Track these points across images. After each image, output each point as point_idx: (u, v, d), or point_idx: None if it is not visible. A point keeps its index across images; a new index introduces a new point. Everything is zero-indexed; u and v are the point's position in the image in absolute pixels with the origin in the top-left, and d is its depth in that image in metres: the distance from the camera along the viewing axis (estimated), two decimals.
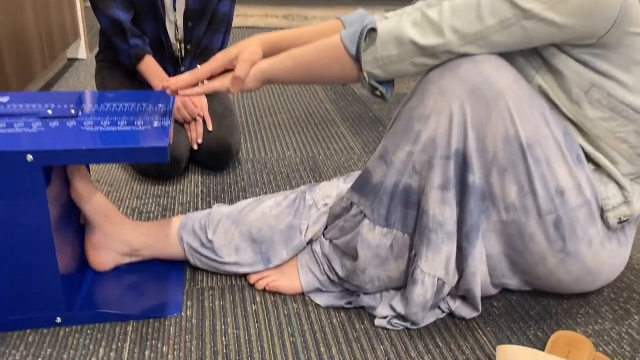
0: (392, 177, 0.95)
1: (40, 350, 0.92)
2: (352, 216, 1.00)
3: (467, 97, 0.87)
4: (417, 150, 0.92)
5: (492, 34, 0.86)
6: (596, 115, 0.92)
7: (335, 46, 0.91)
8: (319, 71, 0.93)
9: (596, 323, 1.04)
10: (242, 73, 0.94)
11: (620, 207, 0.93)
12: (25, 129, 0.91)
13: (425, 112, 0.90)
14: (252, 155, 1.72)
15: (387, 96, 0.94)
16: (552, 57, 0.91)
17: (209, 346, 0.95)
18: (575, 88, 0.91)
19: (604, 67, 0.89)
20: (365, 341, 0.97)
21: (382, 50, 0.89)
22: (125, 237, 1.09)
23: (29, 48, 1.92)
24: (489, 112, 0.87)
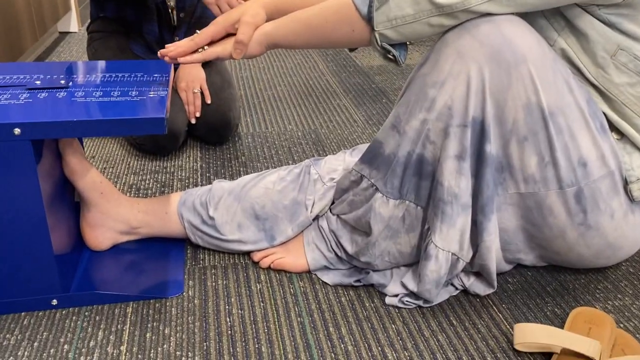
0: (404, 147, 0.89)
1: (35, 334, 0.88)
2: (362, 189, 0.95)
3: (486, 60, 0.81)
4: (431, 118, 0.86)
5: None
6: (622, 80, 0.86)
7: (345, 6, 0.85)
8: (327, 33, 0.87)
9: (615, 298, 1.00)
10: (244, 36, 0.88)
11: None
12: (12, 101, 0.85)
13: (440, 77, 0.84)
14: (252, 129, 1.66)
15: (399, 59, 0.88)
16: (576, 18, 0.85)
17: (212, 327, 0.90)
18: (601, 51, 0.85)
19: (631, 27, 0.84)
20: (375, 320, 0.93)
21: (396, 10, 0.83)
22: (122, 215, 1.04)
23: (18, 21, 1.84)
24: (509, 77, 0.81)
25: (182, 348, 0.86)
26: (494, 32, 0.81)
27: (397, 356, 0.86)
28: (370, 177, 0.94)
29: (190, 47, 0.89)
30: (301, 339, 0.89)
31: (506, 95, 0.82)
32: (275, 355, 0.86)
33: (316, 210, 1.03)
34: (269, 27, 0.90)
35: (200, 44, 0.90)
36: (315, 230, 1.04)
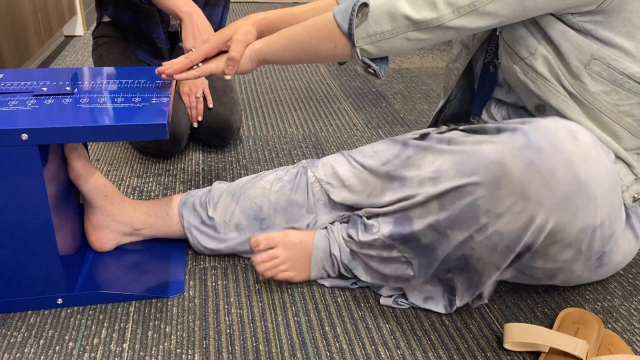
0: (444, 249, 0.88)
1: (41, 332, 0.91)
2: (394, 256, 0.95)
3: (555, 208, 0.78)
4: (479, 238, 0.84)
5: (487, 5, 0.82)
6: (597, 89, 0.87)
7: (328, 23, 0.88)
8: (312, 49, 0.91)
9: (605, 300, 1.03)
10: (236, 53, 0.92)
11: (632, 185, 0.90)
12: (20, 107, 0.89)
13: (497, 209, 0.80)
14: (253, 132, 1.69)
15: (379, 74, 0.91)
16: (550, 28, 0.86)
17: (212, 326, 0.93)
18: (575, 61, 0.86)
19: (606, 35, 0.85)
20: (370, 320, 0.96)
21: (374, 26, 0.86)
22: (125, 217, 1.07)
23: (24, 25, 1.88)
24: (575, 216, 0.79)
25: (182, 346, 0.89)
26: (568, 177, 0.77)
27: (390, 355, 0.89)
28: (403, 252, 0.93)
29: (186, 64, 0.94)
30: (297, 338, 0.92)
31: (566, 227, 0.81)
32: (272, 353, 0.88)
33: (320, 224, 1.06)
34: (259, 44, 0.94)
35: (195, 62, 0.95)
36: (326, 254, 1.03)
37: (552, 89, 0.88)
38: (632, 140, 0.90)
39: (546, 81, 0.88)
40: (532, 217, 0.79)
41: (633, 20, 0.84)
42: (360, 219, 1.00)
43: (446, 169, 0.86)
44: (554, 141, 0.76)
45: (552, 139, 0.76)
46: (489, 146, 0.81)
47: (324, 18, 0.89)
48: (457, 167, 0.84)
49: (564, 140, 0.77)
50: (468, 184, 0.82)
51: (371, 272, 0.99)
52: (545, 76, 0.88)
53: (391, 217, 0.94)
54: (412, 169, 0.95)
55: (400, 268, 0.94)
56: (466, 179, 0.82)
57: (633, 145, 0.91)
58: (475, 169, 0.81)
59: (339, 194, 1.05)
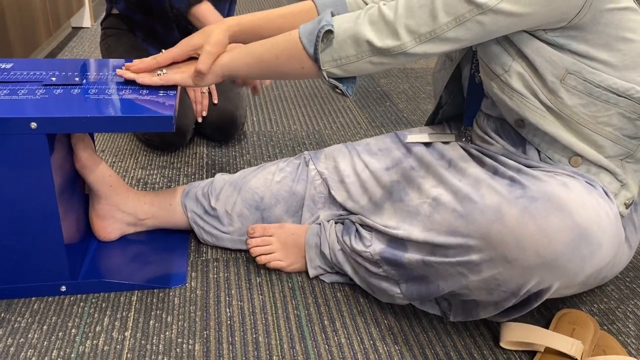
0: (437, 283, 0.88)
1: (45, 318, 0.93)
2: (382, 275, 0.95)
3: (557, 280, 0.79)
4: (474, 279, 0.83)
5: (447, 31, 0.82)
6: (574, 102, 0.85)
7: (294, 44, 0.89)
8: (279, 68, 0.91)
9: (601, 302, 1.04)
10: (204, 66, 0.93)
11: (620, 192, 0.89)
12: (29, 96, 0.90)
13: (491, 254, 0.79)
14: (257, 128, 1.70)
15: (347, 93, 0.91)
16: (523, 45, 0.85)
17: (213, 317, 0.95)
18: (550, 76, 0.85)
19: (581, 48, 0.83)
20: (369, 315, 0.97)
21: (339, 51, 0.86)
22: (130, 207, 1.08)
23: (33, 16, 1.89)
24: (582, 269, 0.77)
25: (183, 335, 0.91)
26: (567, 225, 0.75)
27: (387, 350, 0.90)
28: (393, 276, 0.94)
29: (152, 65, 0.96)
30: (297, 331, 0.93)
31: (572, 281, 0.80)
32: (272, 345, 0.90)
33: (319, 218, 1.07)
34: (225, 59, 0.94)
35: (162, 64, 0.96)
36: (317, 251, 1.04)
37: (529, 105, 0.87)
38: (614, 148, 0.88)
39: (522, 97, 0.87)
40: (527, 280, 0.78)
41: (609, 32, 0.83)
42: (354, 226, 1.01)
43: (441, 220, 0.85)
44: (546, 191, 0.77)
45: (545, 190, 0.77)
46: (485, 211, 0.80)
47: (290, 39, 0.89)
48: (452, 223, 0.83)
49: (555, 189, 0.77)
50: (463, 244, 0.82)
51: (358, 277, 1.00)
52: (521, 92, 0.87)
53: (385, 237, 0.95)
54: (412, 188, 0.96)
55: (387, 285, 0.95)
56: (461, 239, 0.82)
57: (615, 152, 0.88)
58: (470, 233, 0.80)
59: (339, 194, 1.06)
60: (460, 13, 0.80)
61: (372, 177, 1.04)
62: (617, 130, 0.87)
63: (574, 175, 0.84)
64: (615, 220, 0.79)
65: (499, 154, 0.93)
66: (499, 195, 0.80)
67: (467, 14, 0.80)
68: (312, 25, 0.87)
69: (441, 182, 0.91)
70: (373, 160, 1.07)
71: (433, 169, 0.95)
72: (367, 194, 1.03)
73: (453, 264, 0.83)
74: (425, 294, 0.90)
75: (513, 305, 0.86)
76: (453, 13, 0.81)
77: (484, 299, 0.86)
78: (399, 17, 0.83)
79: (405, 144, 1.06)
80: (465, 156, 0.95)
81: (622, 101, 0.84)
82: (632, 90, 0.84)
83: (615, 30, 0.82)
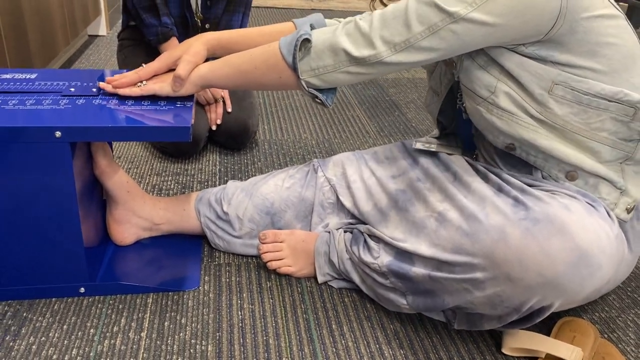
0: (442, 297, 0.91)
1: (65, 318, 0.97)
2: (389, 286, 0.98)
3: (558, 299, 0.82)
4: (479, 295, 0.86)
5: (421, 40, 0.84)
6: (565, 112, 0.87)
7: (273, 55, 0.92)
8: (257, 78, 0.94)
9: (603, 310, 1.06)
10: (183, 72, 0.96)
11: (620, 199, 0.91)
12: (53, 106, 0.94)
13: (495, 273, 0.82)
14: (269, 136, 1.74)
15: (327, 103, 0.94)
16: (506, 61, 0.87)
17: (225, 319, 0.98)
18: (537, 89, 0.86)
19: (564, 58, 0.84)
20: (375, 320, 1.01)
21: (317, 60, 0.90)
22: (146, 212, 1.12)
23: (52, 25, 1.95)
24: (582, 288, 0.80)
25: (196, 337, 0.94)
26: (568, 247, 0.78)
27: (393, 354, 0.94)
28: (400, 288, 0.96)
29: (134, 79, 0.99)
30: (305, 334, 0.96)
31: (574, 298, 0.83)
32: (281, 347, 0.93)
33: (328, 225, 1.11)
34: (204, 70, 0.97)
35: (143, 77, 0.99)
36: (325, 259, 1.08)
37: (520, 122, 0.88)
38: (611, 152, 0.89)
39: (512, 115, 0.88)
40: (531, 299, 0.81)
41: (589, 39, 0.83)
42: (362, 237, 1.04)
43: (447, 237, 0.87)
44: (549, 213, 0.79)
45: (547, 212, 0.79)
46: (489, 231, 0.82)
47: (269, 49, 0.92)
48: (458, 241, 0.86)
49: (557, 211, 0.79)
50: (468, 262, 0.84)
51: (366, 286, 1.03)
52: (511, 110, 0.88)
53: (392, 249, 0.97)
54: (418, 200, 0.98)
55: (394, 296, 0.97)
56: (466, 257, 0.84)
57: (614, 156, 0.89)
58: (475, 252, 0.83)
59: (347, 199, 1.10)
60: (433, 22, 0.83)
61: (378, 184, 1.07)
62: (612, 134, 0.88)
63: (576, 196, 0.86)
64: (615, 241, 0.82)
65: (503, 172, 0.95)
66: (503, 216, 0.82)
67: (440, 22, 0.83)
68: (292, 36, 0.91)
69: (447, 196, 0.94)
70: (380, 168, 1.10)
71: (439, 182, 0.97)
72: (372, 200, 1.06)
73: (458, 280, 0.86)
74: (431, 306, 0.93)
75: (516, 319, 0.89)
76: (426, 22, 0.83)
77: (488, 313, 0.89)
78: (374, 28, 0.86)
79: (411, 154, 1.10)
80: (470, 170, 0.97)
81: (613, 105, 0.86)
82: (620, 94, 0.85)
83: (595, 36, 0.84)
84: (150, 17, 1.48)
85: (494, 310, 0.87)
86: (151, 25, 1.48)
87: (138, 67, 1.02)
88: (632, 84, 0.87)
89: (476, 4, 0.81)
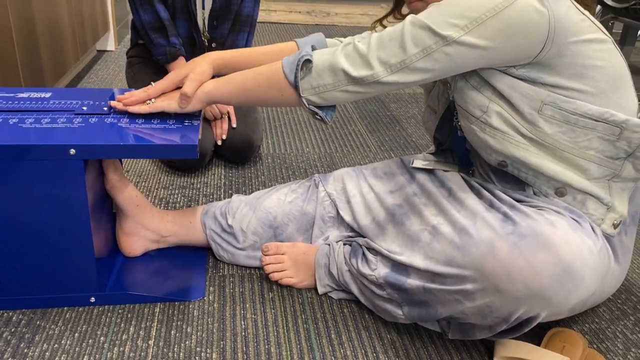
0: (436, 307, 0.94)
1: (76, 326, 1.01)
2: (386, 297, 1.02)
3: (544, 310, 0.86)
4: (469, 306, 0.90)
5: (416, 62, 0.89)
6: (554, 131, 0.91)
7: (275, 73, 0.97)
8: (260, 96, 0.99)
9: (592, 322, 1.10)
10: (189, 90, 1.01)
11: (607, 215, 0.95)
12: (68, 124, 1.00)
13: (485, 284, 0.86)
14: (272, 150, 1.79)
15: (326, 119, 1.00)
16: (498, 82, 0.91)
17: (229, 328, 1.03)
18: (527, 109, 0.91)
19: (552, 79, 0.89)
20: (373, 330, 1.05)
21: (317, 79, 0.95)
22: (154, 225, 1.17)
23: (63, 41, 2.01)
24: (567, 299, 0.85)
25: (202, 345, 0.99)
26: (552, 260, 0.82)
27: None
28: (396, 300, 1.00)
29: (142, 97, 1.04)
30: (306, 343, 1.01)
31: (559, 310, 0.87)
32: (282, 355, 0.98)
33: (328, 238, 1.15)
34: (209, 87, 1.02)
35: (152, 96, 1.04)
36: (325, 271, 1.12)
37: (512, 140, 0.93)
38: (599, 169, 0.93)
39: (504, 134, 0.93)
40: (518, 310, 0.85)
41: (577, 62, 0.88)
42: (361, 249, 1.08)
43: (440, 249, 0.92)
44: (535, 228, 0.84)
45: (533, 227, 0.84)
46: (479, 244, 0.86)
47: (272, 69, 0.98)
48: (450, 253, 0.90)
49: (543, 227, 0.84)
50: (459, 274, 0.88)
51: (364, 297, 1.07)
52: (502, 129, 0.93)
53: (389, 261, 1.01)
54: (413, 214, 1.03)
55: (391, 306, 1.01)
56: (457, 270, 0.88)
57: (601, 173, 0.93)
58: (466, 264, 0.87)
59: (346, 213, 1.14)
60: (427, 45, 0.88)
61: (376, 199, 1.12)
62: (599, 152, 0.92)
63: (562, 212, 0.91)
64: (598, 255, 0.86)
65: (496, 188, 1.00)
66: (492, 230, 0.87)
67: (434, 45, 0.88)
68: (294, 56, 0.96)
69: (441, 211, 0.98)
70: (378, 183, 1.15)
71: (434, 198, 1.02)
72: (370, 214, 1.11)
73: (450, 292, 0.90)
74: (425, 316, 0.97)
75: (506, 329, 0.93)
76: (421, 45, 0.88)
77: (479, 323, 0.93)
78: (371, 49, 0.92)
79: (409, 169, 1.14)
80: (465, 186, 1.02)
81: (599, 125, 0.90)
82: (607, 114, 0.90)
83: (583, 60, 0.88)
84: (159, 37, 1.53)
85: (484, 320, 0.91)
86: (160, 45, 1.54)
87: (146, 84, 1.07)
88: (619, 104, 0.92)
89: (468, 27, 0.86)
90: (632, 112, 0.94)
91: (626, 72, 0.94)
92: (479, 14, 0.86)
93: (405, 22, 0.91)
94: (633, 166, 0.93)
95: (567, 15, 0.88)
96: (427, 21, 0.88)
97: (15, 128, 0.96)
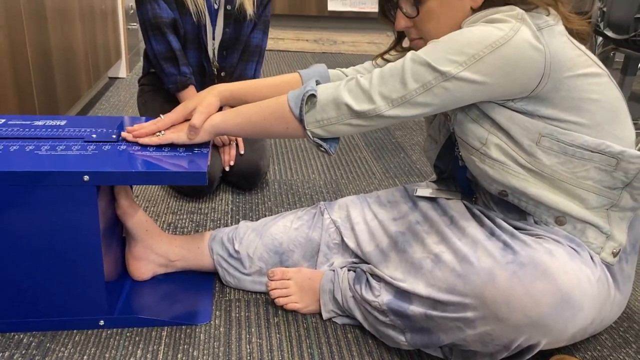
0: (438, 334, 0.95)
1: (85, 349, 1.03)
2: (389, 324, 1.03)
3: (544, 338, 0.87)
4: (470, 333, 0.91)
5: (416, 97, 0.92)
6: (552, 162, 0.93)
7: (281, 106, 1.01)
8: (265, 128, 1.03)
9: (595, 349, 1.11)
10: (197, 122, 1.05)
11: (606, 244, 0.96)
12: (82, 152, 1.03)
13: (485, 312, 0.87)
14: (279, 176, 1.82)
15: (330, 151, 1.03)
16: (497, 115, 0.94)
17: (234, 352, 1.04)
18: (526, 140, 0.93)
19: (549, 112, 0.92)
20: (376, 355, 1.06)
21: (322, 113, 0.98)
22: (163, 250, 1.20)
23: (77, 69, 2.07)
24: (565, 328, 0.86)
25: None
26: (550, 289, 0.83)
27: None
28: (399, 326, 1.01)
29: (152, 130, 1.07)
30: None
31: (558, 338, 0.88)
32: None
33: (334, 265, 1.18)
34: (217, 120, 1.06)
35: (161, 128, 1.08)
36: (330, 296, 1.13)
37: (511, 171, 0.95)
38: (597, 199, 0.95)
39: (503, 165, 0.95)
40: (518, 329, 0.86)
41: (574, 96, 0.91)
42: (365, 276, 1.10)
43: (442, 277, 0.93)
44: (534, 257, 0.86)
45: (532, 256, 0.86)
46: (480, 273, 0.88)
47: (278, 102, 1.01)
48: (451, 281, 0.92)
49: (542, 256, 0.86)
50: (460, 302, 0.90)
51: (368, 323, 1.09)
52: (501, 160, 0.95)
53: (392, 288, 1.03)
54: (416, 241, 1.05)
55: (394, 333, 1.03)
56: (459, 297, 0.90)
57: (600, 203, 0.95)
58: (467, 292, 0.89)
59: (351, 240, 1.17)
60: (427, 80, 0.92)
61: (379, 226, 1.14)
62: (597, 182, 0.94)
63: (562, 241, 0.93)
64: (596, 284, 0.88)
65: (498, 216, 1.02)
66: (492, 259, 0.89)
67: (433, 80, 0.91)
68: (299, 90, 1.00)
69: (443, 239, 1.00)
70: (382, 210, 1.17)
71: (436, 226, 1.04)
72: (374, 241, 1.13)
73: (451, 319, 0.92)
74: (428, 343, 0.99)
75: (507, 356, 0.94)
76: (421, 80, 0.92)
77: (480, 350, 0.94)
78: (373, 85, 0.95)
79: (412, 198, 1.17)
80: (466, 214, 1.04)
81: (596, 156, 0.93)
82: (602, 146, 0.92)
83: (579, 93, 0.91)
84: (170, 66, 1.58)
85: (485, 347, 0.92)
86: (171, 74, 1.59)
87: (157, 111, 1.11)
88: (615, 136, 0.94)
89: (466, 64, 0.90)
90: (630, 143, 0.97)
91: (622, 105, 0.97)
92: (477, 51, 0.89)
93: (405, 58, 0.94)
94: (631, 196, 0.95)
95: (562, 50, 0.91)
96: (427, 58, 0.92)
97: (31, 155, 1.00)
